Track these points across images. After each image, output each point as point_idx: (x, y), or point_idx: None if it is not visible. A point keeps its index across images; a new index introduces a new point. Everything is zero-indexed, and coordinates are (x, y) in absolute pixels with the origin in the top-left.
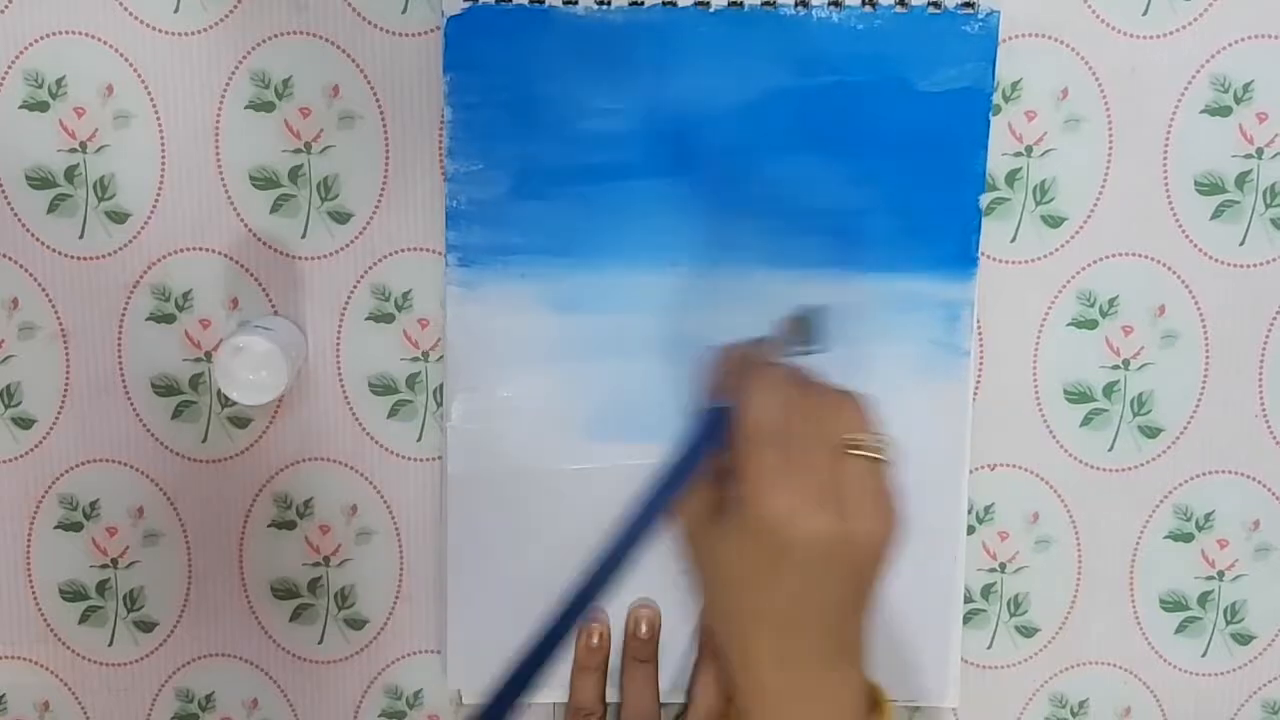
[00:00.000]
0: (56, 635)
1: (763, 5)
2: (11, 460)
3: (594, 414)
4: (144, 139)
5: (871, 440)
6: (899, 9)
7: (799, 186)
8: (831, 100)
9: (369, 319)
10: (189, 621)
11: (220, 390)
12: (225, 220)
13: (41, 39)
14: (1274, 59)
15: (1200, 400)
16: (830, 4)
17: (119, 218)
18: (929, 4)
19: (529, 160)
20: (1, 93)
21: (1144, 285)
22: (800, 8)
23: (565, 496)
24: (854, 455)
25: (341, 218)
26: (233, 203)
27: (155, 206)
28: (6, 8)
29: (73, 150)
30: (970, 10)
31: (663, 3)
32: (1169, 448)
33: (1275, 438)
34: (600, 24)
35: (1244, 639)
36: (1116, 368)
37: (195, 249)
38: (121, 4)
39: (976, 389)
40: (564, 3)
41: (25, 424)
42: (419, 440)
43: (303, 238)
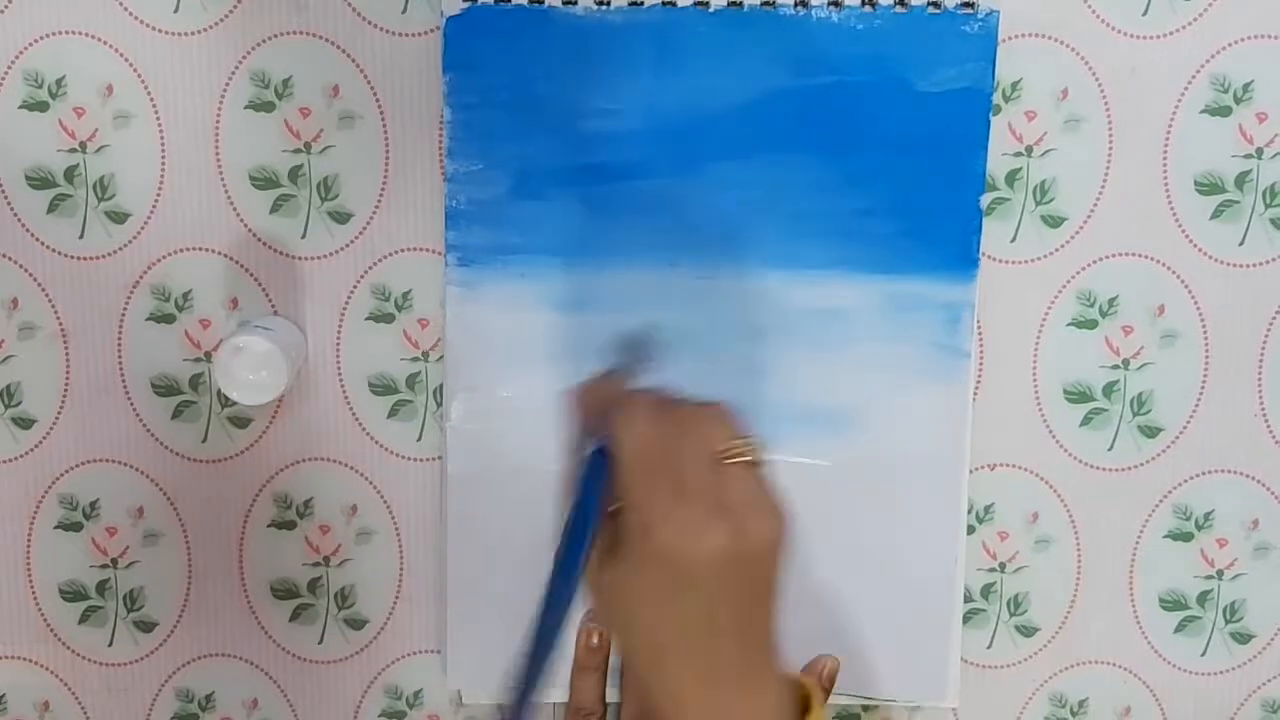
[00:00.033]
0: (56, 635)
1: (762, 5)
2: (11, 460)
3: None
4: (144, 139)
5: (744, 445)
6: (899, 9)
7: (799, 187)
8: (831, 100)
9: (369, 319)
10: (189, 621)
11: (220, 390)
12: (225, 220)
13: (41, 39)
14: (1274, 59)
15: (1200, 400)
16: (830, 4)
17: (119, 218)
18: (929, 4)
19: (529, 160)
20: (1, 93)
21: (1144, 285)
22: (800, 8)
23: None
24: (731, 463)
25: (341, 218)
26: (233, 203)
27: (155, 206)
28: (6, 8)
29: (73, 150)
30: (970, 10)
31: (662, 3)
32: (1169, 447)
33: (1275, 437)
34: (600, 24)
35: (1243, 638)
36: (1116, 368)
37: (195, 249)
38: (121, 4)
39: (976, 388)
40: (563, 3)
41: (25, 424)
42: (419, 440)
43: (303, 238)
